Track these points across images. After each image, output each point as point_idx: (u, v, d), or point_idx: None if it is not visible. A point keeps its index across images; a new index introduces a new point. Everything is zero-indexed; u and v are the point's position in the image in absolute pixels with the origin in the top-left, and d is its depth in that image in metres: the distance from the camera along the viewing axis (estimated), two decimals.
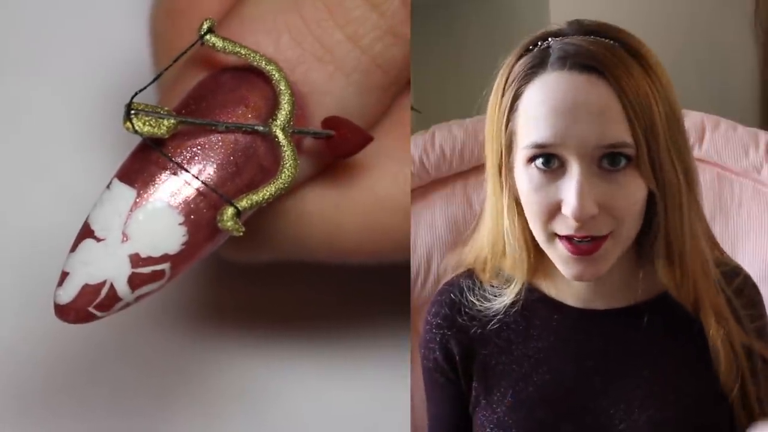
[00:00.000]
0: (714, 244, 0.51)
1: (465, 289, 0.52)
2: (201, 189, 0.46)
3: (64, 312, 0.45)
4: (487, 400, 0.51)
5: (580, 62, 0.46)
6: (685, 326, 0.49)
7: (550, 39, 0.47)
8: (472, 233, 0.53)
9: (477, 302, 0.51)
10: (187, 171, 0.45)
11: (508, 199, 0.49)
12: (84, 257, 0.45)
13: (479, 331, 0.51)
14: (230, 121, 0.46)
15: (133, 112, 0.45)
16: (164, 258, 0.45)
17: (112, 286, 0.45)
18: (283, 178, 0.46)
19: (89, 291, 0.45)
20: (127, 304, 0.46)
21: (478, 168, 0.58)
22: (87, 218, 0.45)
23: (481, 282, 0.52)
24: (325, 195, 0.50)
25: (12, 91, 0.64)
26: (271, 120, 0.47)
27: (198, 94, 0.47)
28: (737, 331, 0.49)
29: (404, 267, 0.57)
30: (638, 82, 0.46)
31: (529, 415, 0.50)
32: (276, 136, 0.46)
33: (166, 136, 0.45)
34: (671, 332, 0.49)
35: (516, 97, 0.47)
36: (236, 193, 0.46)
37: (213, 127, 0.46)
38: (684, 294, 0.49)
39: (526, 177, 0.47)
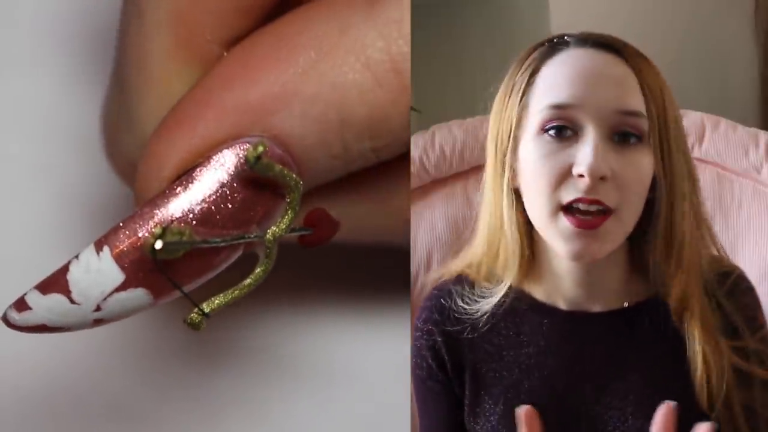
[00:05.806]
0: (714, 241, 0.51)
1: (454, 293, 0.51)
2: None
3: (12, 327, 0.46)
4: (480, 407, 0.50)
5: (601, 42, 0.48)
6: (673, 330, 0.49)
7: (565, 36, 0.49)
8: (469, 239, 0.53)
9: (466, 306, 0.51)
10: (179, 288, 0.46)
11: (507, 187, 0.49)
12: (52, 307, 0.46)
13: (469, 336, 0.51)
14: (234, 233, 0.47)
15: (161, 244, 0.45)
16: (123, 317, 0.47)
17: (68, 329, 0.47)
18: (252, 279, 0.48)
19: (44, 328, 0.46)
20: None
21: (478, 168, 0.58)
22: (68, 273, 0.46)
23: (471, 285, 0.51)
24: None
25: (11, 89, 0.64)
26: (271, 230, 0.47)
27: (202, 186, 0.46)
28: (723, 348, 0.48)
29: (404, 267, 0.57)
30: (655, 73, 0.48)
31: None
32: (268, 247, 0.47)
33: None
34: (660, 336, 0.49)
35: (534, 72, 0.48)
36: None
37: (216, 243, 0.46)
38: (674, 291, 0.48)
39: (536, 146, 0.48)
